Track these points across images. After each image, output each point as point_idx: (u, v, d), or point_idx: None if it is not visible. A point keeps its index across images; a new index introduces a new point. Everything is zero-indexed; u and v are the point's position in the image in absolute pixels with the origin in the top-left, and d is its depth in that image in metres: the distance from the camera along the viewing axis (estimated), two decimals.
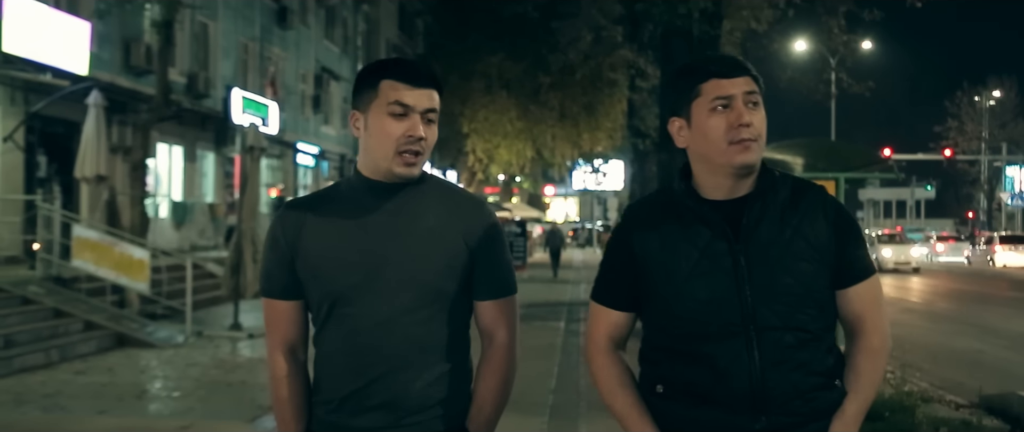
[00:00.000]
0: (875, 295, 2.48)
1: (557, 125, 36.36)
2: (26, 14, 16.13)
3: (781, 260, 2.35)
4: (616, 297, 2.52)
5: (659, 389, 2.42)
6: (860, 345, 2.45)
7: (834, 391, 2.39)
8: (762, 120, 2.37)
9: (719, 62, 2.45)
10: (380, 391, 2.45)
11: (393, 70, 2.49)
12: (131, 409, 8.66)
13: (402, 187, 2.51)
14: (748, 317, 2.32)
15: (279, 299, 2.57)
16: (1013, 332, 16.70)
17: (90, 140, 15.51)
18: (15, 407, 8.58)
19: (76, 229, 14.16)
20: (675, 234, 2.41)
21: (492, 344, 2.58)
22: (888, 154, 61.77)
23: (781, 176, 2.47)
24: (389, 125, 2.44)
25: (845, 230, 2.44)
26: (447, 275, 2.49)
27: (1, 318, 11.43)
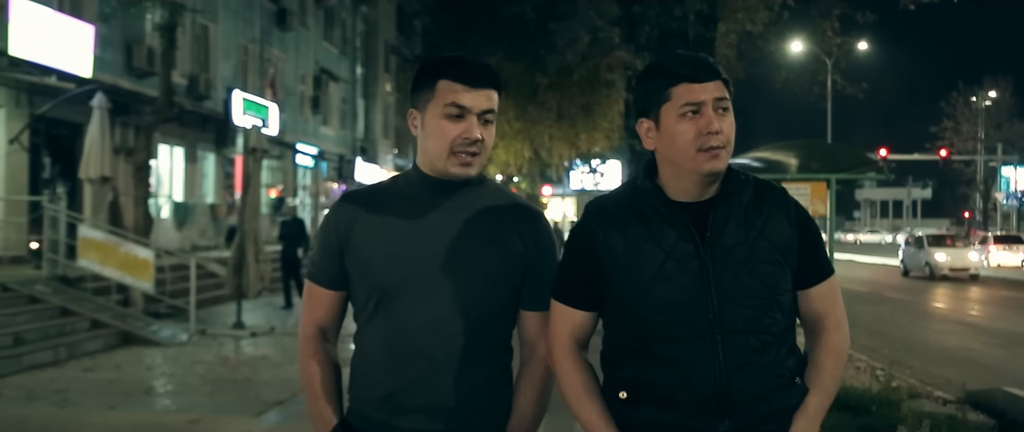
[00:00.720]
0: (835, 293, 2.50)
1: (555, 126, 36.47)
2: (31, 17, 16.37)
3: (746, 263, 2.34)
4: (579, 296, 2.47)
5: (622, 395, 2.40)
6: (822, 342, 2.46)
7: (795, 389, 2.40)
8: (731, 126, 2.35)
9: (690, 65, 2.39)
10: (422, 392, 2.43)
11: (451, 70, 2.46)
12: (140, 404, 8.90)
13: (460, 187, 2.49)
14: (714, 320, 2.31)
15: (323, 287, 2.58)
16: (1004, 331, 16.95)
17: (94, 142, 15.74)
18: (27, 402, 8.82)
19: (82, 229, 14.38)
20: (640, 234, 2.38)
21: (534, 356, 2.56)
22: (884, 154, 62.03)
23: (745, 178, 2.46)
24: (445, 126, 2.43)
25: (806, 231, 2.45)
26: (501, 281, 2.48)
27: (10, 316, 11.67)
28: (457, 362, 2.43)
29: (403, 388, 2.43)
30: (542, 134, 37.80)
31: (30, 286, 13.14)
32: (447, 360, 2.43)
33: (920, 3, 20.46)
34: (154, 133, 17.84)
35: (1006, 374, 11.06)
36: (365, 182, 14.53)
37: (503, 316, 2.52)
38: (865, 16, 21.66)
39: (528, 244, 2.52)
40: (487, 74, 2.48)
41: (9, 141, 17.20)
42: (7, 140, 17.31)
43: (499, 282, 2.47)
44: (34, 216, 15.85)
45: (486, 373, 2.49)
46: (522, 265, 2.50)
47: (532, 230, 2.54)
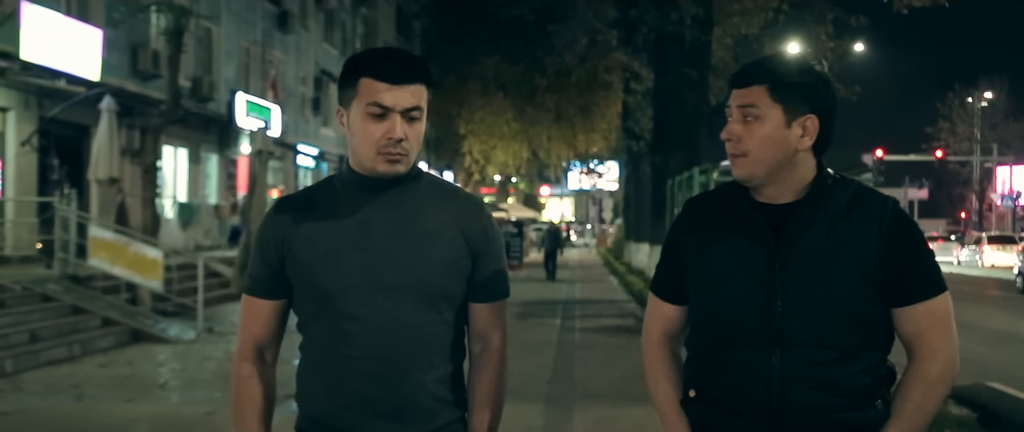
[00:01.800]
0: (937, 317, 2.31)
1: (553, 126, 36.76)
2: (42, 22, 16.75)
3: (819, 273, 2.26)
4: (667, 290, 2.50)
5: (691, 394, 2.40)
6: (913, 370, 2.31)
7: (870, 411, 2.28)
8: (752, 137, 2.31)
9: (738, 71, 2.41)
10: (387, 396, 2.36)
11: (372, 67, 2.36)
12: (156, 398, 9.27)
13: (396, 183, 2.42)
14: (775, 329, 2.26)
15: (261, 298, 2.47)
16: (993, 329, 17.30)
17: (103, 144, 16.12)
18: (48, 396, 9.18)
19: (92, 230, 14.74)
20: (718, 236, 2.36)
21: (487, 348, 2.52)
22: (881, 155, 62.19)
23: (842, 181, 2.37)
24: (368, 126, 2.33)
25: (902, 244, 2.30)
26: (450, 276, 2.41)
27: (25, 314, 12.03)
28: (416, 361, 2.36)
29: (365, 394, 2.35)
30: (540, 135, 38.14)
31: (42, 285, 13.48)
32: (406, 361, 2.35)
33: (913, 7, 20.91)
34: (163, 134, 18.19)
35: (992, 370, 11.39)
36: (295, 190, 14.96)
37: (456, 311, 2.46)
38: (858, 20, 22.06)
39: (472, 235, 2.45)
40: (411, 69, 2.37)
41: (21, 144, 17.59)
42: (19, 142, 17.70)
43: (446, 277, 2.40)
44: (44, 217, 16.20)
45: (447, 370, 2.43)
46: (468, 258, 2.43)
47: (475, 221, 2.47)
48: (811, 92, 2.30)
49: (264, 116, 28.48)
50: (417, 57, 2.43)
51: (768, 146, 2.29)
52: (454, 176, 47.46)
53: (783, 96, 2.28)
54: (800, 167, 2.33)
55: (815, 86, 2.31)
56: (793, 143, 2.29)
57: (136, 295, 14.85)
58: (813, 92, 2.30)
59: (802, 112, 2.29)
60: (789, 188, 2.33)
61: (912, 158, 68.20)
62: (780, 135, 2.29)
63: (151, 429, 7.85)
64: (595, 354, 12.25)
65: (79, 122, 19.47)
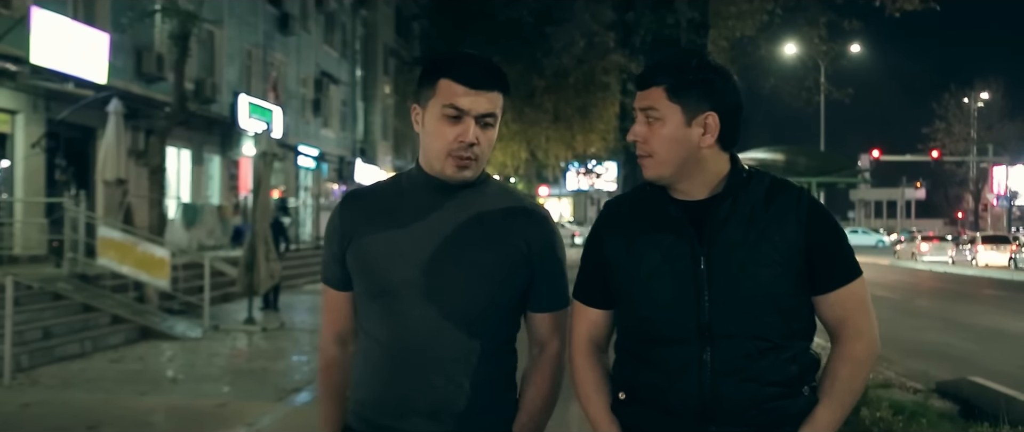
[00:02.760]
0: (858, 299, 2.37)
1: (551, 127, 36.90)
2: (51, 27, 17.10)
3: (744, 265, 2.28)
4: (592, 295, 2.49)
5: (621, 396, 2.40)
6: (840, 351, 2.35)
7: (800, 399, 2.32)
8: (656, 137, 2.35)
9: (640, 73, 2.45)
10: (426, 395, 2.39)
11: (454, 69, 2.39)
12: (168, 392, 9.62)
13: (463, 187, 2.44)
14: (704, 323, 2.27)
15: (333, 289, 2.57)
16: (981, 327, 17.68)
17: (110, 145, 16.46)
18: (64, 390, 9.53)
19: (101, 230, 15.07)
20: (641, 235, 2.37)
21: (544, 353, 2.53)
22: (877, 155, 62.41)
23: (756, 174, 2.40)
24: (442, 127, 2.36)
25: (819, 232, 2.33)
26: (504, 283, 2.42)
27: (38, 312, 12.37)
28: (459, 364, 2.39)
29: (405, 391, 2.40)
30: (539, 136, 38.32)
31: (53, 283, 13.82)
32: (450, 362, 2.39)
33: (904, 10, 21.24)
34: (169, 137, 18.54)
35: (977, 366, 11.70)
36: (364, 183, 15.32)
37: (507, 318, 2.48)
38: (851, 23, 22.36)
39: (533, 246, 2.46)
40: (491, 76, 2.40)
41: (31, 146, 17.95)
42: (29, 145, 18.08)
43: (502, 284, 2.42)
44: (54, 217, 16.53)
45: (490, 375, 2.44)
46: (527, 268, 2.45)
47: (538, 231, 2.48)
48: (709, 89, 2.32)
49: (266, 117, 28.82)
50: (497, 66, 2.44)
51: (671, 146, 2.31)
52: None
53: (681, 96, 2.31)
54: (709, 163, 2.35)
55: (712, 83, 2.33)
56: (695, 141, 2.32)
57: (143, 293, 15.19)
58: (710, 89, 2.32)
59: (701, 110, 2.31)
60: (702, 184, 2.36)
61: (908, 158, 68.51)
62: (681, 134, 2.31)
63: (166, 420, 8.21)
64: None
65: (85, 124, 19.84)
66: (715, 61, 2.40)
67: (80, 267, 15.16)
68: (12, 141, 18.17)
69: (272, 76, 32.05)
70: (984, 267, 40.13)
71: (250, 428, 7.69)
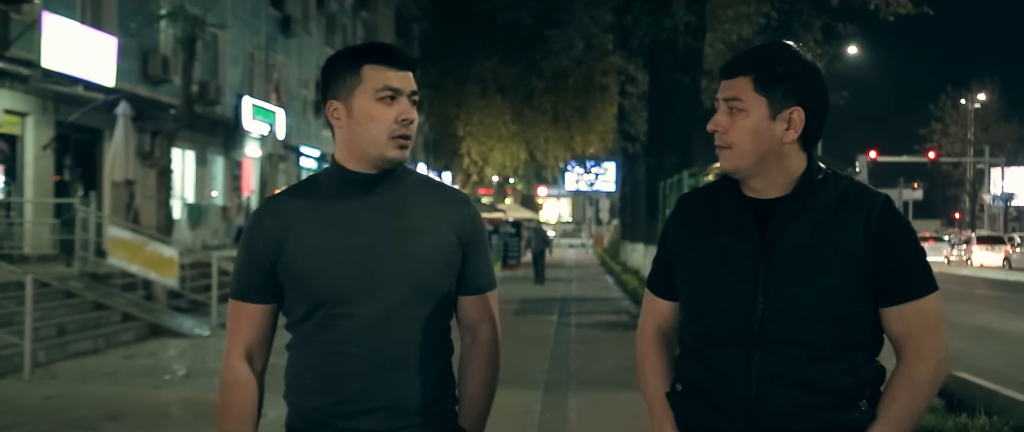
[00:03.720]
0: (927, 317, 2.25)
1: (550, 128, 37.22)
2: (61, 31, 17.48)
3: (803, 270, 2.21)
4: (661, 286, 2.50)
5: (677, 387, 2.40)
6: (900, 370, 2.25)
7: (854, 412, 2.23)
8: (737, 129, 2.28)
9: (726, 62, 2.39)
10: (378, 394, 2.36)
11: (374, 54, 2.40)
12: (182, 386, 9.96)
13: (384, 179, 2.43)
14: (756, 326, 2.23)
15: (250, 303, 2.45)
16: (972, 325, 18.00)
17: (119, 147, 16.86)
18: (81, 383, 9.88)
19: (112, 230, 15.44)
20: (704, 231, 2.35)
21: (476, 339, 2.53)
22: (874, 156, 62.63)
23: (833, 176, 2.31)
24: (381, 111, 2.35)
25: (890, 243, 2.24)
26: (442, 270, 2.42)
27: (53, 309, 12.72)
28: (408, 359, 2.37)
29: (356, 392, 2.35)
30: (538, 136, 38.62)
31: (65, 282, 14.17)
32: (398, 358, 2.37)
33: (898, 14, 21.61)
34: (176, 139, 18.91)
35: (965, 363, 12.00)
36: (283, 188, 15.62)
37: (445, 306, 2.47)
38: (845, 27, 22.76)
39: (460, 229, 2.47)
40: (407, 56, 2.44)
41: (42, 147, 18.34)
42: (41, 146, 18.47)
43: (439, 272, 2.42)
44: (65, 218, 16.89)
45: (437, 367, 2.44)
46: (458, 252, 2.46)
47: (463, 215, 2.49)
48: (797, 84, 2.25)
49: (269, 119, 29.21)
50: (405, 48, 2.73)
51: (752, 139, 2.25)
52: (453, 177, 48.12)
53: (767, 88, 2.24)
54: (787, 161, 2.28)
55: (802, 78, 2.26)
56: (778, 136, 2.25)
57: (151, 292, 15.55)
58: (799, 84, 2.25)
59: (787, 105, 2.25)
60: (777, 182, 2.29)
61: (905, 159, 68.86)
62: (764, 128, 2.25)
63: (183, 411, 8.55)
64: (590, 347, 12.94)
65: (93, 126, 20.24)
66: (805, 56, 2.30)
67: (90, 266, 15.52)
68: (22, 143, 18.55)
69: (274, 78, 32.44)
70: (979, 267, 40.51)
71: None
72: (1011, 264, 39.71)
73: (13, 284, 12.37)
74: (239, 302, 2.46)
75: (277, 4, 32.48)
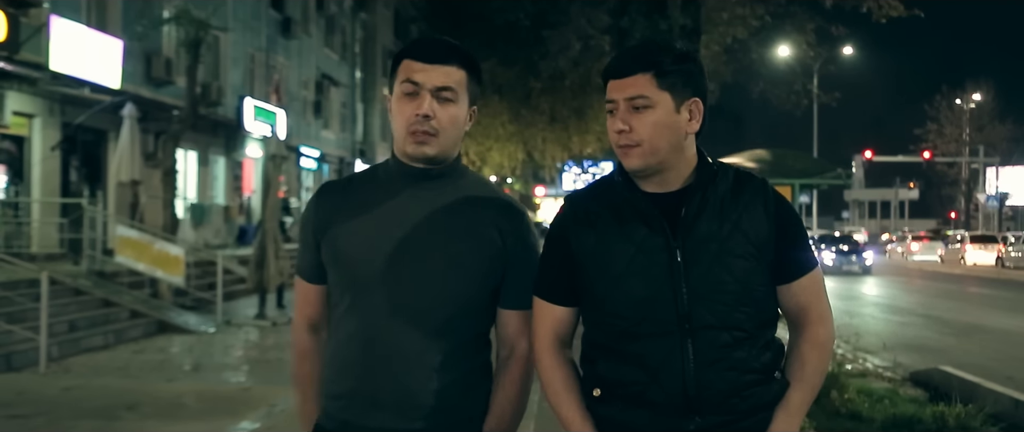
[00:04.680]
0: (818, 287, 2.43)
1: (547, 128, 37.37)
2: (69, 34, 17.82)
3: (719, 257, 2.28)
4: (557, 292, 2.43)
5: (596, 393, 2.36)
6: (805, 336, 2.39)
7: (773, 384, 2.35)
8: (644, 125, 2.31)
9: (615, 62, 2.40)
10: (393, 391, 2.34)
11: (412, 48, 2.40)
12: (193, 379, 10.30)
13: (439, 176, 2.41)
14: (683, 316, 2.26)
15: (308, 282, 2.53)
16: (961, 322, 18.39)
17: (125, 148, 17.19)
18: (95, 377, 10.22)
19: (119, 229, 15.77)
20: (611, 228, 2.34)
21: (513, 354, 2.47)
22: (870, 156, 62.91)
23: (721, 167, 2.40)
24: (401, 105, 2.35)
25: (785, 224, 2.37)
26: (477, 276, 2.38)
27: (64, 306, 13.06)
28: (428, 358, 2.35)
29: (372, 386, 2.36)
30: (535, 137, 38.84)
31: (74, 280, 14.51)
32: (418, 356, 2.34)
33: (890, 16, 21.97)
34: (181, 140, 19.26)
35: (952, 359, 12.31)
36: None
37: (479, 313, 2.43)
38: (838, 29, 23.09)
39: (507, 240, 2.42)
40: (445, 50, 2.38)
41: (51, 149, 18.69)
42: (49, 148, 18.83)
43: (474, 277, 2.38)
44: (73, 217, 17.23)
45: (460, 371, 2.39)
46: (500, 262, 2.41)
47: (513, 226, 2.44)
48: (692, 77, 2.34)
49: (270, 120, 29.54)
50: (454, 43, 2.42)
51: (662, 132, 2.30)
52: None
53: (669, 82, 2.30)
54: (686, 153, 2.37)
55: (693, 72, 2.35)
56: (683, 127, 2.33)
57: (157, 289, 15.89)
58: (693, 77, 2.35)
59: (687, 96, 2.33)
60: (676, 175, 2.36)
61: (901, 159, 69.27)
62: (672, 120, 2.31)
63: (197, 402, 8.88)
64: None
65: (98, 127, 20.58)
66: (690, 51, 2.42)
67: (97, 265, 15.86)
68: (29, 144, 18.89)
69: (274, 79, 32.75)
70: (972, 266, 40.87)
71: (274, 409, 8.38)
72: (1004, 263, 40.12)
73: (25, 282, 12.73)
74: (300, 280, 2.56)
75: (277, 6, 32.80)
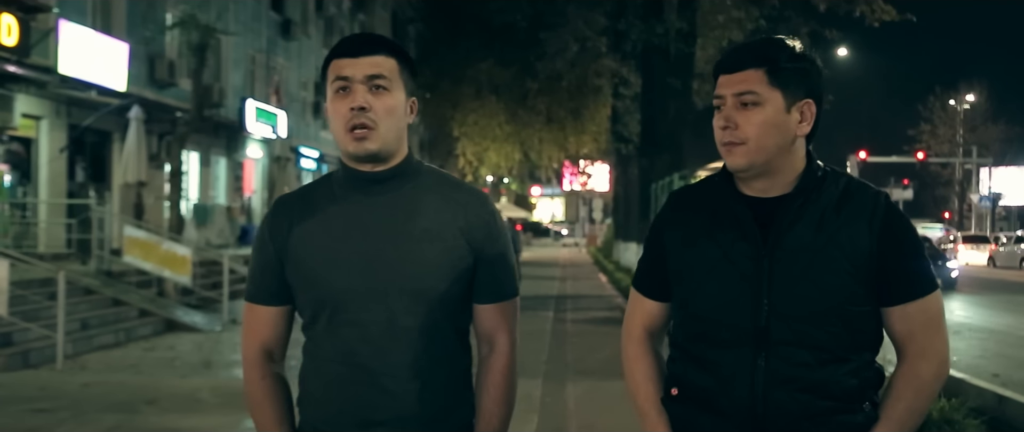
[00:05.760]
0: (929, 316, 2.22)
1: (544, 129, 37.60)
2: (77, 38, 18.17)
3: (808, 270, 2.16)
4: (650, 286, 2.40)
5: (673, 391, 2.32)
6: (904, 369, 2.22)
7: (858, 415, 2.20)
8: (751, 123, 2.20)
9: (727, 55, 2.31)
10: (385, 405, 2.28)
11: (337, 47, 2.31)
12: (206, 374, 10.63)
13: (393, 178, 2.33)
14: (760, 328, 2.17)
15: (264, 305, 2.39)
16: (951, 322, 18.70)
17: (131, 149, 17.55)
18: (111, 373, 10.56)
19: (127, 230, 16.10)
20: (702, 230, 2.27)
21: (494, 351, 2.41)
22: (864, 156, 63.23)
23: (832, 174, 2.27)
24: (335, 104, 2.26)
25: (894, 241, 2.20)
26: (448, 277, 2.30)
27: (75, 305, 13.35)
28: (415, 368, 2.28)
29: (362, 403, 2.29)
30: (532, 137, 39.03)
31: (83, 279, 14.84)
32: (405, 367, 2.28)
33: (883, 20, 22.37)
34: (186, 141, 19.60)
35: None
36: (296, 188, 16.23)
37: (457, 313, 2.37)
38: (832, 33, 23.47)
39: (475, 235, 2.34)
40: (370, 41, 2.31)
41: (59, 150, 19.02)
42: (57, 149, 19.18)
43: (447, 277, 2.30)
44: (81, 218, 17.56)
45: (447, 376, 2.35)
46: (468, 257, 2.33)
47: (477, 217, 2.36)
48: (807, 77, 2.23)
49: (271, 122, 29.87)
50: (384, 36, 2.39)
51: (769, 132, 2.19)
52: None
53: (782, 80, 2.19)
54: (794, 156, 2.25)
55: (810, 71, 2.24)
56: (792, 128, 2.21)
57: (163, 289, 16.22)
58: (809, 77, 2.23)
59: (800, 97, 2.21)
60: (781, 179, 2.25)
61: (895, 160, 69.65)
62: (781, 120, 2.20)
63: (212, 396, 9.21)
64: (585, 340, 13.65)
65: (103, 129, 20.91)
66: (808, 51, 2.28)
67: (105, 264, 16.20)
68: (37, 145, 19.22)
69: (275, 80, 33.06)
70: (965, 265, 41.25)
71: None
72: (995, 262, 40.56)
73: (37, 281, 13.05)
74: (252, 305, 2.42)
75: (277, 8, 33.11)
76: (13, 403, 8.80)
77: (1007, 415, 8.35)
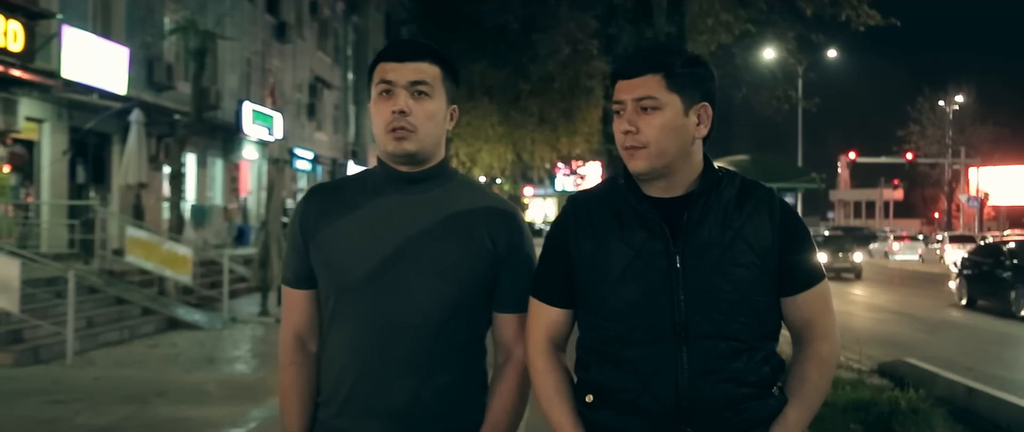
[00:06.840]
0: (823, 300, 2.35)
1: (536, 130, 37.85)
2: (79, 43, 18.56)
3: (719, 264, 2.23)
4: (553, 293, 2.38)
5: (589, 399, 2.31)
6: (808, 352, 2.33)
7: (770, 399, 2.29)
8: (652, 127, 2.26)
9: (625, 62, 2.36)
10: (386, 395, 2.32)
11: (385, 51, 2.40)
12: (210, 370, 11.03)
13: (427, 179, 2.39)
14: (680, 323, 2.21)
15: (293, 287, 2.48)
16: (934, 319, 19.26)
17: (132, 151, 17.94)
18: (119, 368, 10.96)
19: (129, 230, 16.48)
20: (611, 232, 2.29)
21: (510, 360, 2.43)
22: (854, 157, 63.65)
23: (727, 174, 2.35)
24: (378, 106, 2.34)
25: (791, 234, 2.31)
26: (468, 280, 2.35)
27: (81, 303, 13.69)
28: (420, 364, 2.32)
29: (366, 390, 2.33)
30: (524, 138, 39.34)
31: (87, 278, 15.21)
32: (409, 362, 2.31)
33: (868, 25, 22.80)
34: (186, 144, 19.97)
35: (920, 352, 13.04)
36: None
37: (472, 318, 2.40)
38: (818, 37, 23.88)
39: (499, 243, 2.39)
40: (416, 48, 2.39)
41: (62, 153, 19.40)
42: (60, 152, 19.57)
43: (466, 282, 2.34)
44: (84, 219, 17.92)
45: (453, 377, 2.36)
46: (492, 265, 2.38)
47: (504, 228, 2.41)
48: (702, 81, 2.30)
49: (267, 123, 30.24)
50: (425, 42, 2.45)
51: (669, 135, 2.25)
52: None
53: (678, 84, 2.26)
54: (693, 158, 2.32)
55: (704, 76, 2.31)
56: (691, 131, 2.28)
57: (163, 288, 16.59)
58: (703, 81, 2.30)
59: (696, 100, 2.29)
60: (681, 180, 2.31)
61: (884, 160, 70.23)
62: (679, 123, 2.26)
63: (219, 389, 9.63)
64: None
65: (103, 131, 21.27)
66: (701, 56, 2.40)
67: (107, 264, 16.58)
68: (39, 148, 19.60)
69: (270, 82, 33.40)
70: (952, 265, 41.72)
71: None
72: (924, 259, 41.34)
73: (42, 280, 13.42)
74: (287, 287, 2.50)
75: (273, 11, 33.47)
76: (30, 395, 9.21)
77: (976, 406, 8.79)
